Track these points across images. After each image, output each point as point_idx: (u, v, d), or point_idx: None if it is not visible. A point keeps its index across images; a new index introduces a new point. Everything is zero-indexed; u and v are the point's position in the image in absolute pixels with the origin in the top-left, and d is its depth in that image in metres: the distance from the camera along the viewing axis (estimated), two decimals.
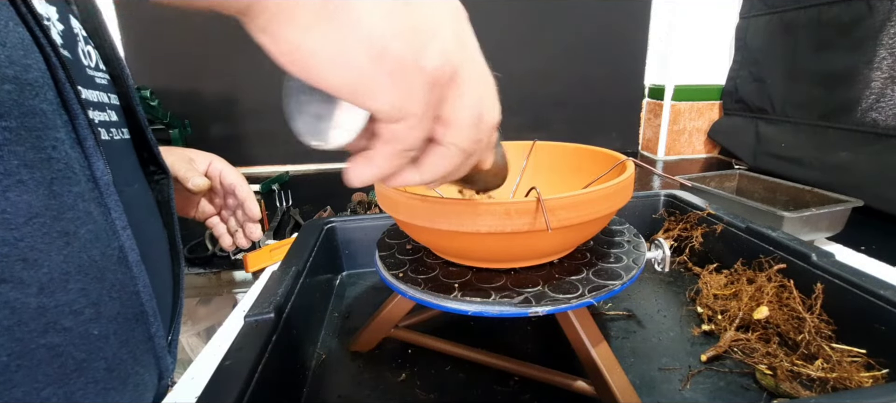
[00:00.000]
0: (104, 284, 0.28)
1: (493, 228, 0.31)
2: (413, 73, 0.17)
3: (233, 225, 0.53)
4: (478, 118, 0.21)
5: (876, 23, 0.88)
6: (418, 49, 0.17)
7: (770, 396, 0.37)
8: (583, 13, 1.32)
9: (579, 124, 1.44)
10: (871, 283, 0.38)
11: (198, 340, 1.03)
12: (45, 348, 0.25)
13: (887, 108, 0.87)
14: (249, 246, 0.54)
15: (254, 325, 0.35)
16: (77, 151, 0.27)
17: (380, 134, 0.19)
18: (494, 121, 0.22)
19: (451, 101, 0.19)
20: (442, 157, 0.21)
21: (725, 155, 1.35)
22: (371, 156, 0.20)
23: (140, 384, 0.32)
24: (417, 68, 0.17)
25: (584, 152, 0.46)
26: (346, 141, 0.19)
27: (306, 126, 0.20)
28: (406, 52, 0.17)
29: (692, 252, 0.58)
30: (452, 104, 0.19)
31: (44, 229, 0.24)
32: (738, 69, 1.27)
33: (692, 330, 0.46)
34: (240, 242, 0.53)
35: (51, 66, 0.25)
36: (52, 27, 0.30)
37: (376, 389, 0.40)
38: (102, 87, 0.34)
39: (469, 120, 0.20)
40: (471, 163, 0.23)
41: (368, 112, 0.18)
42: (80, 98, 0.27)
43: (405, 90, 0.17)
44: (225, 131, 1.34)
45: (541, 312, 0.32)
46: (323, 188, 1.23)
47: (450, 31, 0.19)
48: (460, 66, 0.19)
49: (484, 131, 0.22)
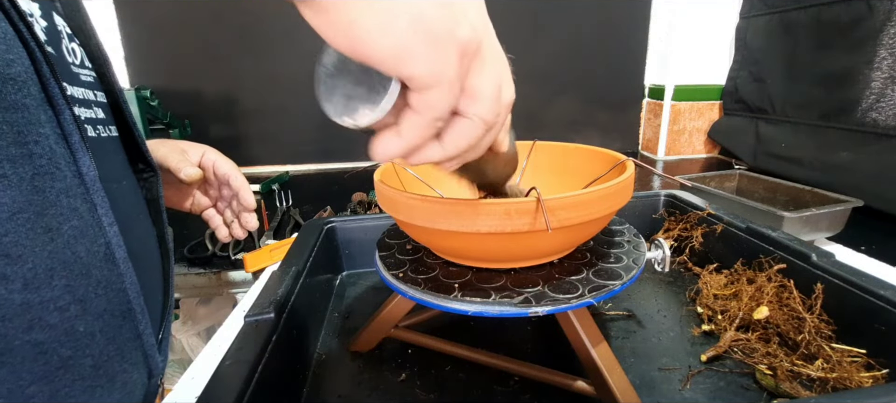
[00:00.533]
0: (90, 280, 0.28)
1: (494, 228, 0.31)
2: (448, 42, 0.19)
3: (228, 217, 0.53)
4: (498, 90, 0.22)
5: (876, 23, 0.88)
6: (453, 21, 0.19)
7: (770, 396, 0.37)
8: (582, 13, 1.32)
9: (579, 124, 1.44)
10: (871, 283, 0.38)
11: (198, 340, 1.03)
12: (30, 344, 0.25)
13: (887, 108, 0.87)
14: (246, 236, 0.54)
15: (254, 325, 0.35)
16: (62, 147, 0.27)
17: (412, 103, 0.21)
18: (511, 98, 0.24)
19: (475, 73, 0.21)
20: (465, 129, 0.22)
21: (725, 155, 1.35)
22: (399, 129, 0.21)
23: (128, 382, 0.32)
24: (452, 37, 0.19)
25: (583, 152, 0.46)
26: (377, 118, 0.21)
27: (338, 106, 0.21)
28: (443, 23, 0.19)
29: (692, 252, 0.58)
30: (477, 75, 0.21)
31: (28, 225, 0.24)
32: (738, 69, 1.27)
33: (692, 330, 0.46)
34: (236, 233, 0.53)
35: (35, 61, 0.25)
36: (36, 23, 0.29)
37: (376, 389, 0.40)
38: (88, 84, 0.34)
39: (491, 92, 0.22)
40: (490, 138, 0.24)
41: (400, 85, 0.20)
42: (66, 94, 0.27)
43: (441, 57, 0.19)
44: (225, 131, 1.34)
45: (541, 312, 0.32)
46: (323, 188, 1.23)
47: (476, 9, 0.21)
48: (484, 41, 0.21)
49: (503, 106, 0.23)
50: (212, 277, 0.76)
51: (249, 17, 1.26)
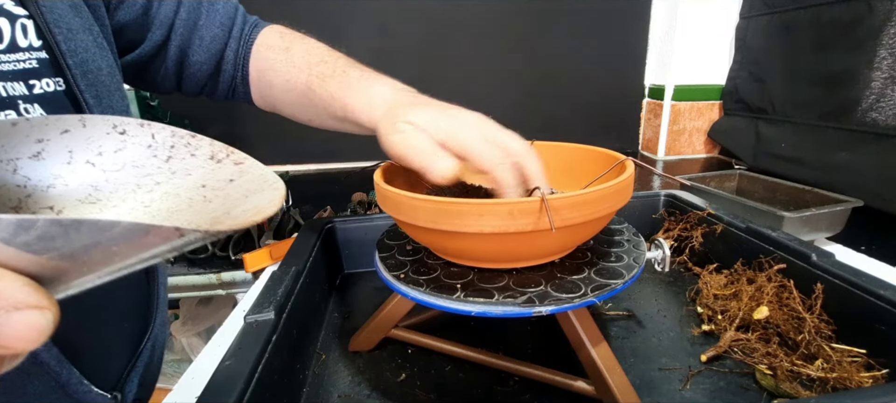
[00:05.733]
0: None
1: (497, 228, 0.31)
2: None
3: None
4: (484, 139, 0.36)
5: (876, 23, 0.88)
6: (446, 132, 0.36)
7: (770, 396, 0.37)
8: (582, 13, 1.32)
9: (579, 124, 1.44)
10: (871, 283, 0.38)
11: (198, 340, 1.03)
12: None
13: (887, 108, 0.87)
14: (246, 236, 0.54)
15: (254, 325, 0.35)
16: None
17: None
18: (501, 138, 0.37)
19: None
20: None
21: (725, 155, 1.35)
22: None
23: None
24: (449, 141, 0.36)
25: (583, 152, 0.46)
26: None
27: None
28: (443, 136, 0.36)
29: (692, 252, 0.58)
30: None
31: None
32: (738, 69, 1.27)
33: (692, 330, 0.46)
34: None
35: None
36: None
37: (376, 389, 0.40)
38: (20, 75, 0.29)
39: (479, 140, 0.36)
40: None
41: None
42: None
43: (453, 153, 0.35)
44: (224, 130, 1.34)
45: (544, 312, 0.32)
46: (323, 188, 1.23)
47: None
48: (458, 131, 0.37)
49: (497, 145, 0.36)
50: (212, 277, 0.76)
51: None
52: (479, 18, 1.28)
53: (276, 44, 0.51)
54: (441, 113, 0.37)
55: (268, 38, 0.52)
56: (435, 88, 0.44)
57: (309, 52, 0.49)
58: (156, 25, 0.45)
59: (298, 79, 0.48)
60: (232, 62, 0.51)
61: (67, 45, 0.33)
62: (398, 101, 0.42)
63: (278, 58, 0.50)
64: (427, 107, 0.39)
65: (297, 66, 0.48)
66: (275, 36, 0.52)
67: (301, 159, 1.39)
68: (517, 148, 0.36)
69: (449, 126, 0.36)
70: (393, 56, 1.27)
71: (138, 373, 0.38)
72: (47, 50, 0.32)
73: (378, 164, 0.42)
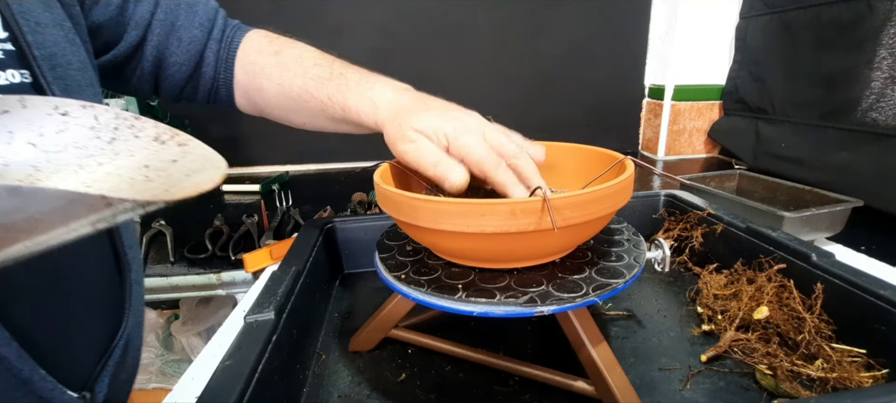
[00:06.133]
0: None
1: (499, 228, 0.31)
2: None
3: None
4: (481, 142, 0.37)
5: (876, 23, 0.88)
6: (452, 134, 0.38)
7: (770, 396, 0.37)
8: (582, 13, 1.32)
9: (579, 124, 1.44)
10: (871, 283, 0.38)
11: (198, 340, 1.03)
12: None
13: (887, 108, 0.87)
14: (246, 236, 0.53)
15: (254, 325, 0.35)
16: None
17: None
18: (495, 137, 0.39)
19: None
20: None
21: (725, 155, 1.35)
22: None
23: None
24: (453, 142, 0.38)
25: (583, 152, 0.46)
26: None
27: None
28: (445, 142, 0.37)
29: (692, 252, 0.58)
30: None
31: None
32: (738, 69, 1.27)
33: (692, 330, 0.46)
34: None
35: None
36: None
37: (376, 389, 0.40)
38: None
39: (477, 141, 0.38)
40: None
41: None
42: None
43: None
44: (225, 131, 1.34)
45: (546, 311, 0.32)
46: (323, 188, 1.23)
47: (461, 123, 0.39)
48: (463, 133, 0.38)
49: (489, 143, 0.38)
50: (212, 277, 0.76)
51: (248, 16, 1.26)
52: (479, 18, 1.28)
53: (265, 48, 0.50)
54: (443, 116, 0.39)
55: (255, 42, 0.51)
56: (435, 88, 0.44)
57: (301, 56, 0.49)
58: (132, 26, 0.44)
59: (293, 83, 0.47)
60: (213, 65, 0.50)
61: (34, 38, 0.32)
62: (402, 104, 0.42)
63: (269, 61, 0.49)
64: (430, 111, 0.39)
65: (291, 70, 0.48)
66: (262, 40, 0.51)
67: (301, 159, 1.39)
68: (510, 150, 0.38)
69: (450, 130, 0.38)
70: (393, 56, 1.27)
71: (109, 373, 0.38)
72: (13, 42, 0.32)
73: (378, 164, 0.42)
